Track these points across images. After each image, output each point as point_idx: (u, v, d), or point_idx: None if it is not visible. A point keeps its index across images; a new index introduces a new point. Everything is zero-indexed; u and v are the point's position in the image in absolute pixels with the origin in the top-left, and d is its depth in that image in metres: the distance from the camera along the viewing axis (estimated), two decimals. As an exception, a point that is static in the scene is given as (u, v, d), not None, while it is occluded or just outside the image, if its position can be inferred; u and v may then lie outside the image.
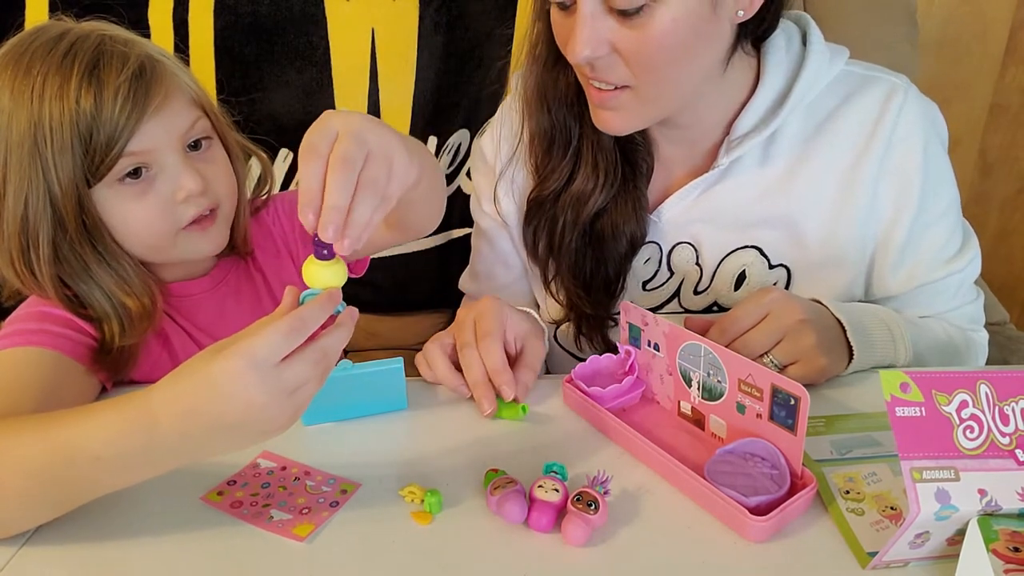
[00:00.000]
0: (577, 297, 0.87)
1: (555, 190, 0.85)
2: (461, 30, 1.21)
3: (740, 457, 0.61)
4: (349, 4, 1.19)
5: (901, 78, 0.83)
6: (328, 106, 1.22)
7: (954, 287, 0.86)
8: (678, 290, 0.87)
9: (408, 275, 1.27)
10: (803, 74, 0.79)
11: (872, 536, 0.56)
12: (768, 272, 0.84)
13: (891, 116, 0.79)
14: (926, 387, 0.51)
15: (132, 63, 0.70)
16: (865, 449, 0.65)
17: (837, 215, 0.82)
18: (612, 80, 0.73)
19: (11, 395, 0.66)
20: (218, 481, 0.64)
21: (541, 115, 0.84)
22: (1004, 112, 1.67)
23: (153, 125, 0.70)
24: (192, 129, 0.74)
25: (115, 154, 0.69)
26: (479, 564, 0.56)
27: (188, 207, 0.74)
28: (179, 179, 0.73)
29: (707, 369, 0.64)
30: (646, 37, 0.68)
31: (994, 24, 1.59)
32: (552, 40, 0.78)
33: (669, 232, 0.86)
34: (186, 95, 0.75)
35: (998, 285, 1.05)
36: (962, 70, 1.63)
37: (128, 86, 0.68)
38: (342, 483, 0.64)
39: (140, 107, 0.69)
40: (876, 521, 0.57)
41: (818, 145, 0.81)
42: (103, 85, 0.68)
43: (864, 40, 1.18)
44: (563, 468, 0.63)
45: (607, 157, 0.83)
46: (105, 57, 0.69)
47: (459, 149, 1.26)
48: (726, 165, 0.81)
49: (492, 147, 0.94)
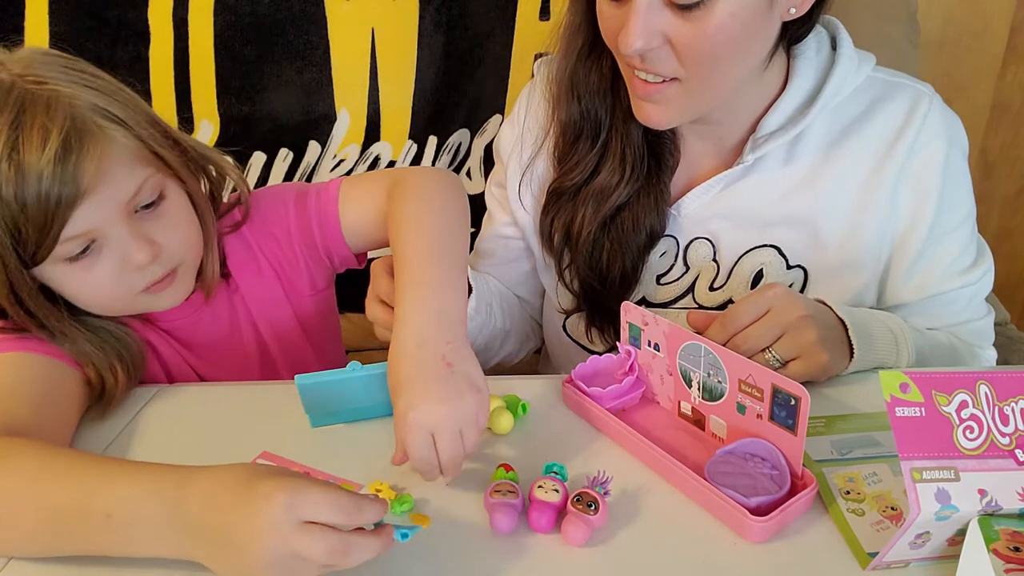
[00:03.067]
0: (592, 289, 0.87)
1: (578, 183, 0.85)
2: (461, 29, 1.21)
3: (740, 457, 0.61)
4: (349, 4, 1.19)
5: (926, 87, 0.83)
6: (328, 106, 1.22)
7: (965, 299, 0.86)
8: (692, 285, 0.87)
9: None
10: (832, 77, 0.79)
11: (872, 536, 0.56)
12: (785, 273, 0.84)
13: (915, 124, 0.80)
14: (926, 387, 0.51)
15: (54, 138, 0.61)
16: (866, 449, 0.65)
17: (856, 219, 0.82)
18: (662, 72, 0.72)
19: (5, 402, 0.64)
20: None
21: (571, 105, 0.83)
22: (1005, 111, 1.66)
23: (88, 205, 0.63)
24: (139, 193, 0.68)
25: (49, 243, 0.63)
26: (479, 564, 0.56)
27: (142, 276, 0.70)
28: (124, 252, 0.67)
29: (707, 369, 0.64)
30: (702, 30, 0.68)
31: (994, 24, 1.59)
32: (588, 31, 0.79)
33: (688, 227, 0.86)
34: (126, 156, 0.67)
35: (999, 285, 1.04)
36: (962, 70, 1.63)
37: (52, 167, 0.60)
38: (341, 484, 0.63)
39: (70, 188, 0.61)
40: (876, 522, 0.57)
41: (842, 149, 0.81)
42: (24, 171, 0.60)
43: (865, 39, 1.17)
44: (563, 468, 0.62)
45: (635, 151, 0.82)
46: (24, 134, 0.61)
47: (459, 149, 1.26)
48: (750, 162, 0.81)
49: (511, 133, 0.93)
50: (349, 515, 0.49)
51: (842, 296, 0.80)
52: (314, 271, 0.86)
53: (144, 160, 0.69)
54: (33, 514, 0.55)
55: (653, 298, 0.88)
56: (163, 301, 0.74)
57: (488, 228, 0.99)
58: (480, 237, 1.02)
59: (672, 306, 0.88)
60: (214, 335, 0.83)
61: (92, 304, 0.71)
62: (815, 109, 0.79)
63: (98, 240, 0.67)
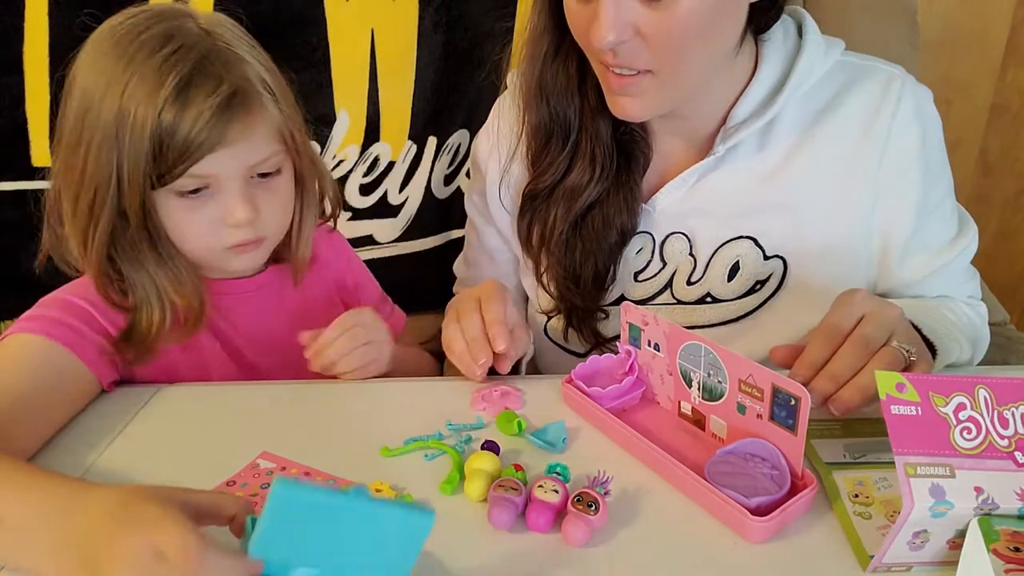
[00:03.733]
0: (567, 289, 0.88)
1: (550, 184, 0.86)
2: (461, 30, 1.21)
3: (740, 458, 0.61)
4: (349, 4, 1.19)
5: (898, 68, 0.83)
6: (328, 106, 1.22)
7: (963, 265, 0.87)
8: (670, 281, 0.88)
9: (408, 275, 1.27)
10: (799, 62, 0.80)
11: (877, 540, 0.55)
12: (763, 264, 0.84)
13: (890, 106, 0.80)
14: (923, 389, 0.51)
15: (224, 90, 0.69)
16: (879, 455, 0.64)
17: (837, 204, 0.82)
18: (635, 65, 0.73)
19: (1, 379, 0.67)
20: (218, 481, 0.64)
21: (540, 108, 0.84)
22: (1004, 112, 1.67)
23: (223, 154, 0.70)
24: (264, 163, 0.75)
25: (178, 172, 0.70)
26: (479, 564, 0.56)
27: (234, 233, 0.75)
28: (230, 207, 0.73)
29: (707, 369, 0.64)
30: (671, 19, 0.69)
31: (994, 24, 1.59)
32: (553, 33, 0.79)
33: (663, 222, 0.86)
34: (270, 129, 0.74)
35: (999, 286, 1.05)
36: (962, 70, 1.63)
37: (211, 113, 0.68)
38: (342, 485, 0.63)
39: (216, 135, 0.69)
40: (882, 526, 0.57)
41: (816, 133, 0.82)
42: (187, 105, 0.68)
43: (864, 40, 1.17)
44: (566, 469, 0.62)
45: (604, 150, 0.83)
46: (199, 77, 0.69)
47: (459, 149, 1.26)
48: (722, 153, 0.81)
49: (487, 143, 0.95)
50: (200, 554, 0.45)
51: (826, 284, 0.80)
52: None
53: (279, 136, 0.76)
54: None
55: (631, 295, 0.89)
56: (240, 263, 0.79)
57: (473, 238, 1.02)
58: (466, 247, 1.05)
59: (651, 302, 0.88)
60: (272, 320, 0.85)
61: (184, 241, 0.75)
62: (784, 95, 0.79)
63: (212, 187, 0.73)
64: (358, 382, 0.79)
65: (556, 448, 0.66)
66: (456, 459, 0.65)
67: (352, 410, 0.75)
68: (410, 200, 1.26)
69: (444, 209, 1.27)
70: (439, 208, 1.27)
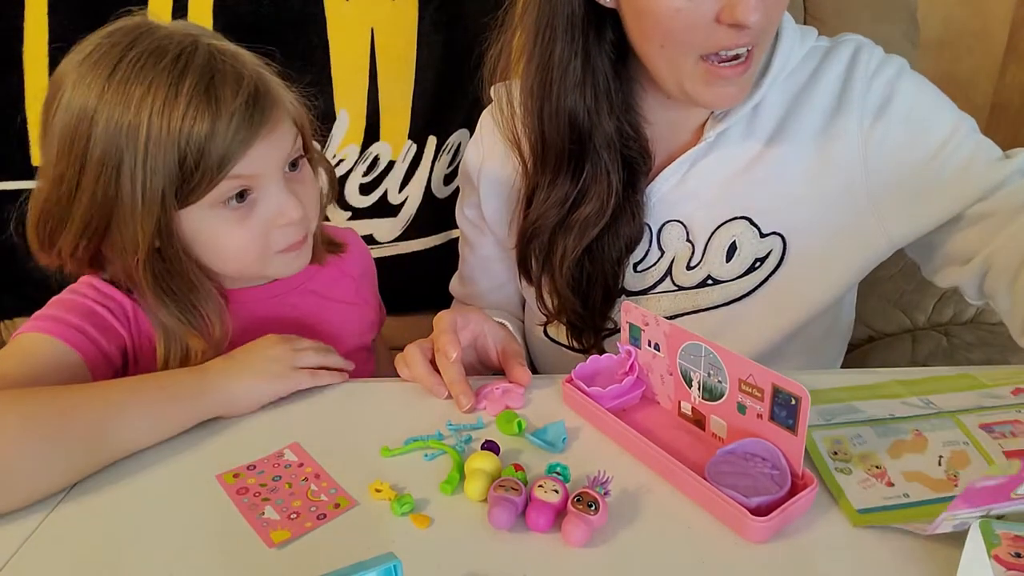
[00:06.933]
0: (572, 313, 0.88)
1: (556, 220, 0.85)
2: (461, 30, 1.21)
3: (741, 457, 0.61)
4: (348, 4, 1.19)
5: (866, 40, 0.84)
6: (328, 106, 1.22)
7: (987, 143, 0.80)
8: (670, 269, 0.88)
9: (407, 275, 1.27)
10: (779, 48, 0.82)
11: (860, 493, 0.59)
12: (760, 241, 0.84)
13: (862, 66, 0.81)
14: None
15: (247, 84, 0.68)
16: (849, 415, 0.68)
17: (821, 164, 0.81)
18: (753, 36, 0.73)
19: (4, 377, 0.65)
20: (241, 462, 0.65)
21: (556, 136, 0.82)
22: (1004, 111, 1.66)
23: (262, 149, 0.69)
24: (294, 151, 0.74)
25: (221, 177, 0.67)
26: (478, 565, 0.56)
27: (287, 234, 0.74)
28: (281, 206, 0.72)
29: (707, 369, 0.64)
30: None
31: (994, 23, 1.59)
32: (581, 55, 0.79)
33: (658, 211, 0.87)
34: (289, 116, 0.74)
35: (998, 285, 1.05)
36: (962, 70, 1.63)
37: (244, 110, 0.67)
38: (340, 496, 0.62)
39: (254, 131, 0.68)
40: (863, 480, 0.60)
41: (798, 111, 0.83)
42: (219, 107, 0.66)
43: (864, 39, 1.17)
44: (566, 469, 0.63)
45: (617, 175, 0.83)
46: (219, 77, 0.67)
47: (459, 149, 1.26)
48: (713, 138, 0.83)
49: (476, 155, 0.95)
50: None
51: (827, 253, 0.82)
52: None
53: (296, 123, 0.76)
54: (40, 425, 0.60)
55: (632, 287, 0.89)
56: (294, 264, 0.78)
57: (467, 254, 1.03)
58: (461, 265, 1.05)
59: (651, 291, 0.88)
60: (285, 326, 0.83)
61: (226, 258, 0.74)
62: (768, 79, 0.81)
63: (254, 191, 0.71)
64: (358, 382, 0.79)
65: (556, 448, 0.66)
66: (456, 459, 0.65)
67: (352, 410, 0.75)
68: (410, 200, 1.27)
69: (444, 208, 1.27)
70: (439, 208, 1.28)
